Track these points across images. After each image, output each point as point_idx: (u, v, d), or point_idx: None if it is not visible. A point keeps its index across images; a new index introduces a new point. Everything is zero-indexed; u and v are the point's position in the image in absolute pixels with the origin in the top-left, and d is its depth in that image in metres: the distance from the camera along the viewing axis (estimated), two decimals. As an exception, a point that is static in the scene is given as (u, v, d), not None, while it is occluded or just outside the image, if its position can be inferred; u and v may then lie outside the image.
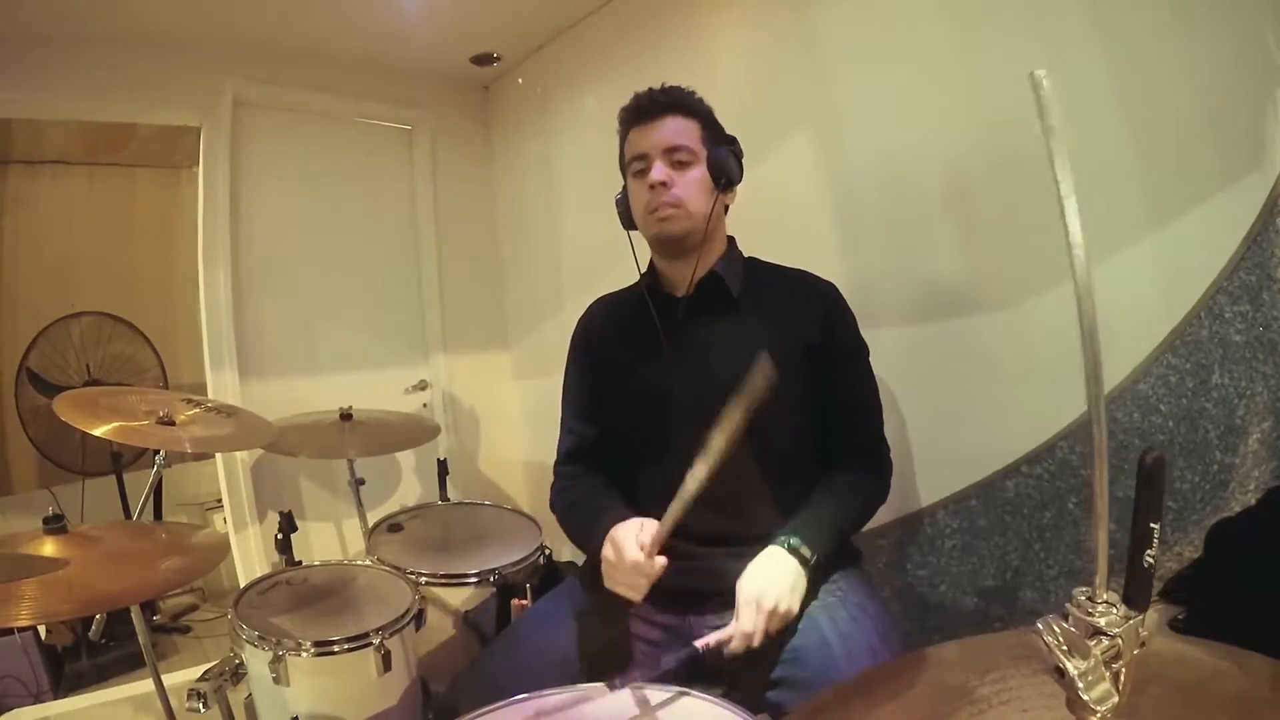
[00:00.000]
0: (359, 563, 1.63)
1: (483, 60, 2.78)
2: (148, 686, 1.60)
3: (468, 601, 1.62)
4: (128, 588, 1.13)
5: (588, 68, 2.53)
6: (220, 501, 2.56)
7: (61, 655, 2.46)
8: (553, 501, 1.32)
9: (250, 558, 2.45)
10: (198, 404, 1.71)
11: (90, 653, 2.48)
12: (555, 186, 2.74)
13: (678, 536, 1.19)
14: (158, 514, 2.96)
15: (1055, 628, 0.52)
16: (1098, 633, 0.51)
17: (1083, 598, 0.52)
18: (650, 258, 1.30)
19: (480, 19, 2.49)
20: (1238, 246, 1.23)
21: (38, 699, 2.19)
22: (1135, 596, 0.53)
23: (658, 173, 1.18)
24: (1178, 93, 1.29)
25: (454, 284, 3.00)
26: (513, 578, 1.62)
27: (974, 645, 0.78)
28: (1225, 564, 1.19)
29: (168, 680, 1.54)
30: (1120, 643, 0.51)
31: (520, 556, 1.67)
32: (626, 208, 1.28)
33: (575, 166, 2.65)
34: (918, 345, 1.64)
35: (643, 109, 1.21)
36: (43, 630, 2.35)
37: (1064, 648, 0.52)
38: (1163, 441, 1.32)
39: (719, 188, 1.20)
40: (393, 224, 2.92)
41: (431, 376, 2.96)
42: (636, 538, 1.04)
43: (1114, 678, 0.51)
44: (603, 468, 1.31)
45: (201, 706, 1.25)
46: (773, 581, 1.01)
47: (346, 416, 2.04)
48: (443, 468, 2.14)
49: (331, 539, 2.63)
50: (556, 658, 1.12)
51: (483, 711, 0.89)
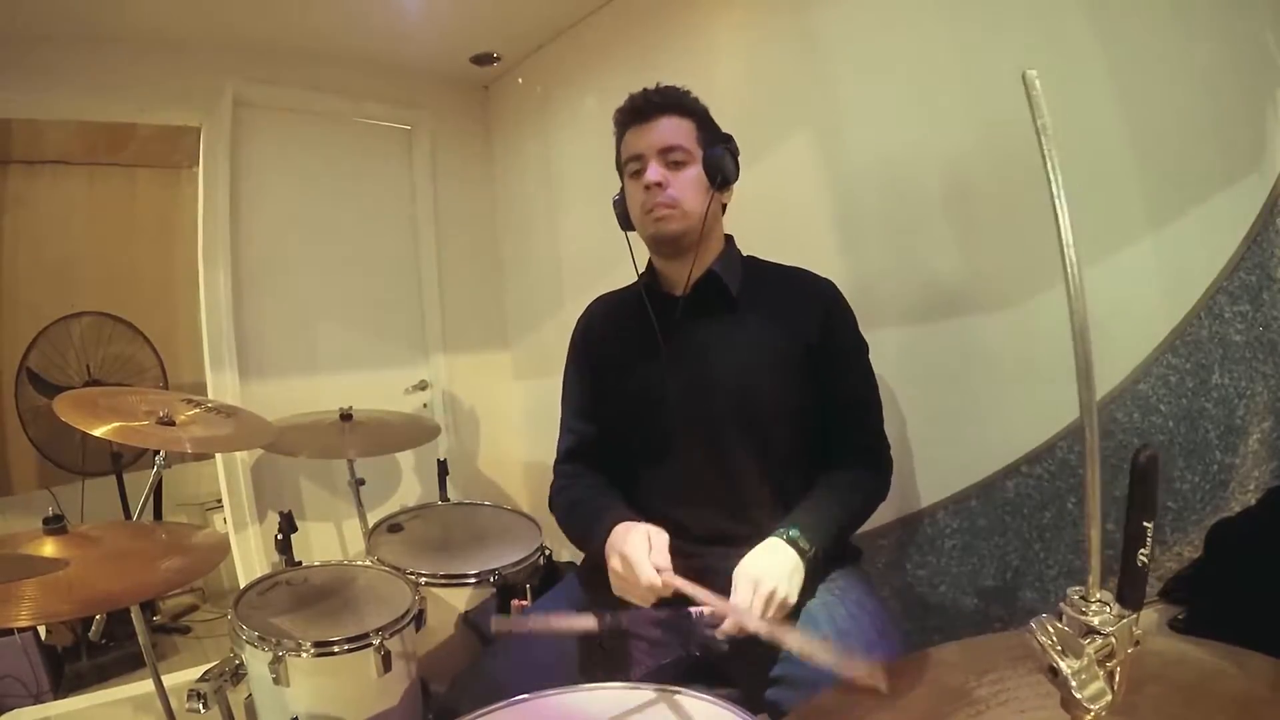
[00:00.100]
0: (359, 563, 1.63)
1: (483, 60, 2.78)
2: (148, 687, 1.60)
3: (468, 601, 1.62)
4: (128, 588, 1.13)
5: (588, 68, 2.53)
6: (220, 501, 2.56)
7: (61, 655, 2.46)
8: (552, 501, 1.32)
9: (250, 558, 2.45)
10: (198, 404, 1.71)
11: (90, 653, 2.48)
12: (555, 186, 2.74)
13: (677, 536, 1.20)
14: (158, 514, 2.97)
15: (1049, 627, 0.52)
16: (1091, 632, 0.51)
17: (1076, 597, 0.52)
18: (649, 258, 1.30)
19: (480, 19, 2.50)
20: (1238, 246, 1.23)
21: (38, 699, 2.20)
22: (1129, 595, 0.54)
23: (653, 173, 1.18)
24: (1177, 93, 1.29)
25: (454, 284, 3.00)
26: (513, 578, 1.62)
27: (973, 646, 0.78)
28: (1225, 564, 1.19)
29: (168, 680, 1.54)
30: (1114, 641, 0.51)
31: (520, 557, 1.67)
32: (624, 209, 1.28)
33: (575, 166, 2.64)
34: (918, 345, 1.64)
35: (638, 109, 1.22)
36: (43, 630, 2.36)
37: (1057, 647, 0.52)
38: (1163, 441, 1.32)
39: (715, 187, 1.20)
40: (393, 224, 2.92)
41: (431, 376, 2.96)
42: (650, 558, 1.03)
43: (1108, 677, 0.51)
44: (602, 467, 1.31)
45: (201, 707, 1.25)
46: (771, 566, 1.02)
47: (346, 416, 2.04)
48: (443, 468, 2.14)
49: (331, 539, 2.63)
50: (555, 657, 1.11)
51: (483, 712, 0.89)
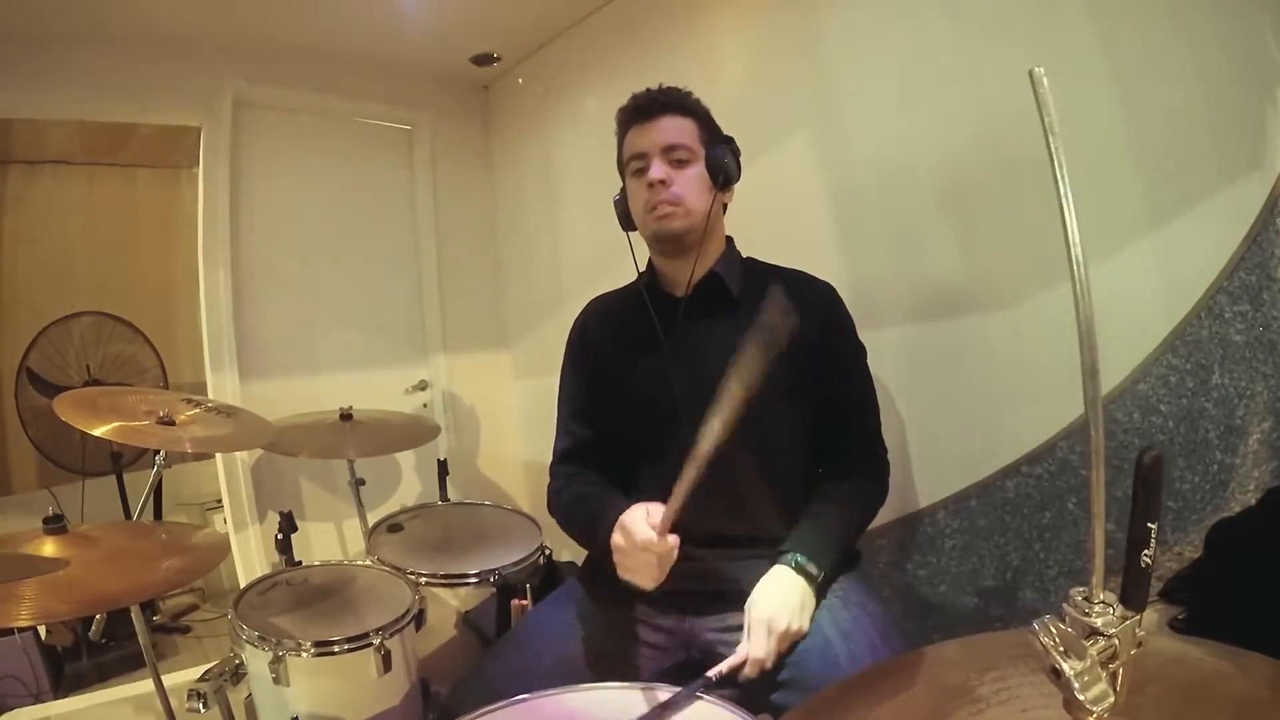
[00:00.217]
0: (359, 563, 1.63)
1: (483, 60, 2.78)
2: (148, 686, 1.60)
3: (468, 601, 1.62)
4: (128, 588, 1.13)
5: (588, 68, 2.52)
6: (220, 501, 2.56)
7: (61, 655, 2.45)
8: (551, 502, 1.31)
9: (250, 558, 2.45)
10: (198, 404, 1.71)
11: (90, 653, 2.48)
12: (555, 186, 2.74)
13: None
14: (158, 514, 2.96)
15: (1052, 628, 0.52)
16: (1094, 633, 0.51)
17: (1079, 598, 0.52)
18: (649, 257, 1.30)
19: (480, 19, 2.49)
20: (1238, 246, 1.23)
21: (38, 699, 2.19)
22: (1132, 596, 0.53)
23: (656, 171, 1.18)
24: (1177, 92, 1.29)
25: (454, 284, 3.00)
26: (513, 578, 1.62)
27: (974, 644, 0.78)
28: (1225, 564, 1.19)
29: (168, 680, 1.54)
30: (1117, 643, 0.51)
31: (520, 556, 1.67)
32: (625, 208, 1.28)
33: (575, 166, 2.64)
34: (918, 345, 1.64)
35: (640, 108, 1.22)
36: (43, 630, 2.35)
37: (1060, 648, 0.52)
38: (1163, 441, 1.32)
39: (717, 186, 1.20)
40: (393, 224, 2.92)
41: (431, 376, 2.96)
42: (645, 519, 1.02)
43: (1111, 678, 0.51)
44: (600, 468, 1.30)
45: (201, 707, 1.25)
46: (783, 604, 1.01)
47: (346, 416, 2.04)
48: (443, 468, 2.14)
49: (331, 539, 2.63)
50: (556, 661, 1.11)
51: (482, 712, 0.89)
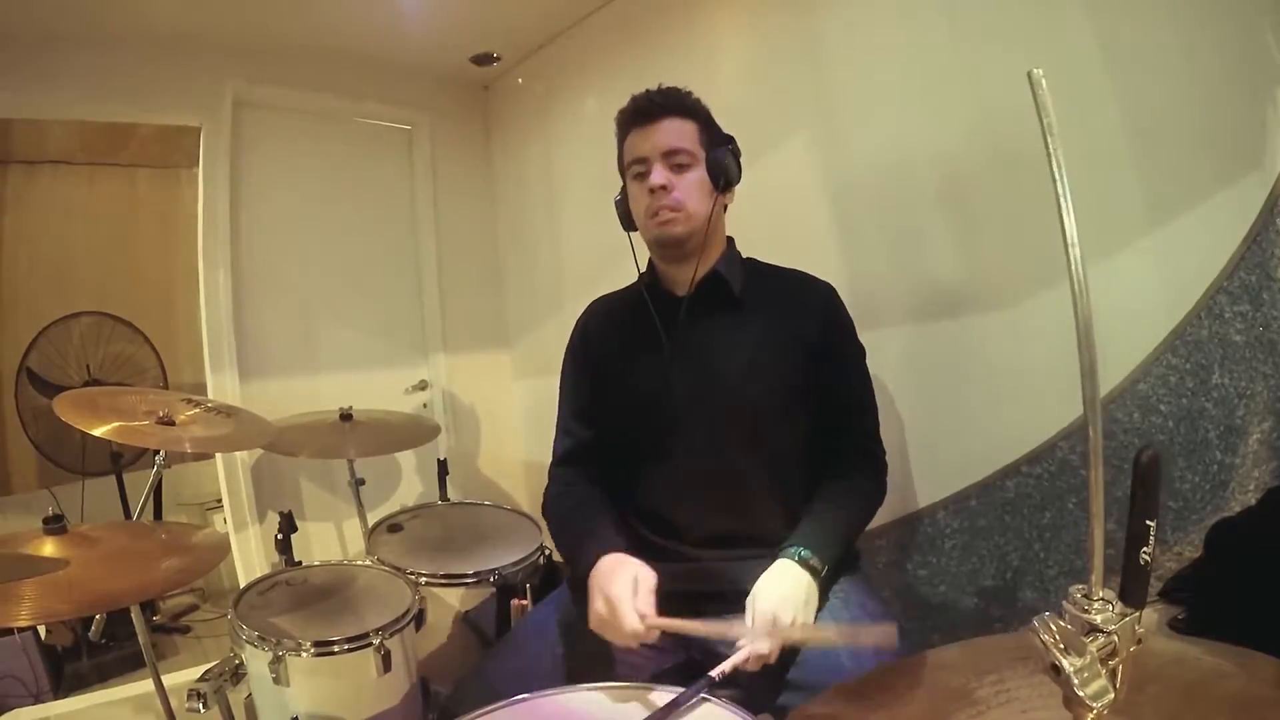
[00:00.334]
0: (359, 563, 1.63)
1: (483, 60, 2.78)
2: (148, 686, 1.60)
3: (467, 601, 1.62)
4: (128, 588, 1.13)
5: (588, 68, 2.53)
6: (220, 501, 2.56)
7: (61, 655, 2.45)
8: (545, 507, 1.30)
9: (250, 558, 2.45)
10: (198, 404, 1.71)
11: (90, 653, 2.48)
12: (556, 186, 2.74)
13: (675, 538, 1.20)
14: (158, 514, 2.96)
15: (1051, 625, 0.53)
16: (1093, 630, 0.51)
17: (1079, 595, 0.52)
18: (650, 257, 1.30)
19: (480, 19, 2.50)
20: (1238, 246, 1.23)
21: (38, 699, 2.19)
22: (1131, 594, 0.54)
23: (657, 176, 1.17)
24: (1177, 92, 1.29)
25: (454, 284, 3.00)
26: (512, 578, 1.62)
27: (974, 647, 0.78)
28: (1225, 564, 1.19)
29: (168, 680, 1.54)
30: (1116, 639, 0.51)
31: (520, 556, 1.67)
32: (626, 209, 1.28)
33: (576, 166, 2.64)
34: (917, 345, 1.64)
35: (641, 111, 1.21)
36: (43, 630, 2.35)
37: (1060, 645, 0.52)
38: (1163, 441, 1.32)
39: (718, 188, 1.20)
40: (393, 224, 2.92)
41: (431, 376, 2.96)
42: (633, 603, 0.98)
43: (1110, 674, 0.51)
44: (600, 470, 1.30)
45: (201, 706, 1.25)
46: (788, 598, 1.00)
47: (346, 416, 2.04)
48: (443, 468, 2.14)
49: (331, 539, 2.63)
50: (556, 661, 1.11)
51: (482, 712, 0.89)
